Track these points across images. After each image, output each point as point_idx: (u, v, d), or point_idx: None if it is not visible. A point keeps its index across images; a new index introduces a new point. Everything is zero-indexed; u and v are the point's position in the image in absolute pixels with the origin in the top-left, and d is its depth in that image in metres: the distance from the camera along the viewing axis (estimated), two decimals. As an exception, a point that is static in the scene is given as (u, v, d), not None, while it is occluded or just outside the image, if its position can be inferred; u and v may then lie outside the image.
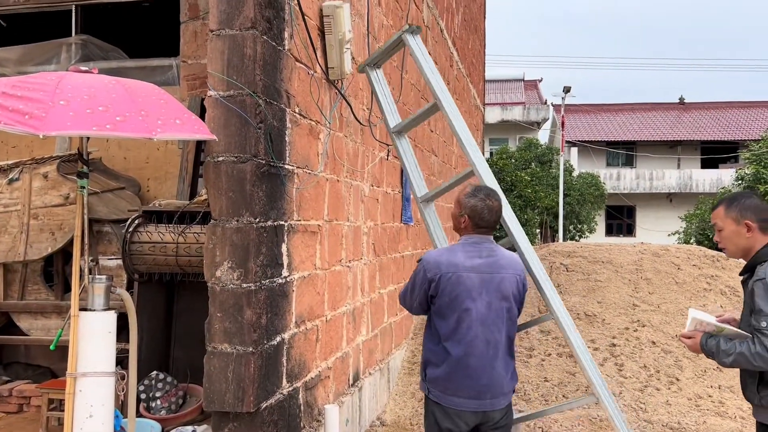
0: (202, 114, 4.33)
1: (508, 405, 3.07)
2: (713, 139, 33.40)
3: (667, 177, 33.15)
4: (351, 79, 4.59)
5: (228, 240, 3.15)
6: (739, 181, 22.40)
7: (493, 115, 32.71)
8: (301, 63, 3.75)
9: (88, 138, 3.15)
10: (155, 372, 4.55)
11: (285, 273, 3.51)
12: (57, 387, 4.38)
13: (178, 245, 4.42)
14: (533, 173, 24.39)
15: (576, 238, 25.79)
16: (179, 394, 4.54)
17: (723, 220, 2.81)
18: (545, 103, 35.45)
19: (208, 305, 3.18)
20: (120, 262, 4.71)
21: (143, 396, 4.41)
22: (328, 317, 4.22)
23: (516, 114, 33.99)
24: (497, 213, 3.05)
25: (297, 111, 3.68)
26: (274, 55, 3.36)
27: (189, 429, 4.09)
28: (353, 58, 4.54)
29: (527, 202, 23.04)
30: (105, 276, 3.17)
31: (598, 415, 5.32)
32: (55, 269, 5.27)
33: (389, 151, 5.71)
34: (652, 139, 33.83)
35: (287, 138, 3.54)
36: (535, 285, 3.50)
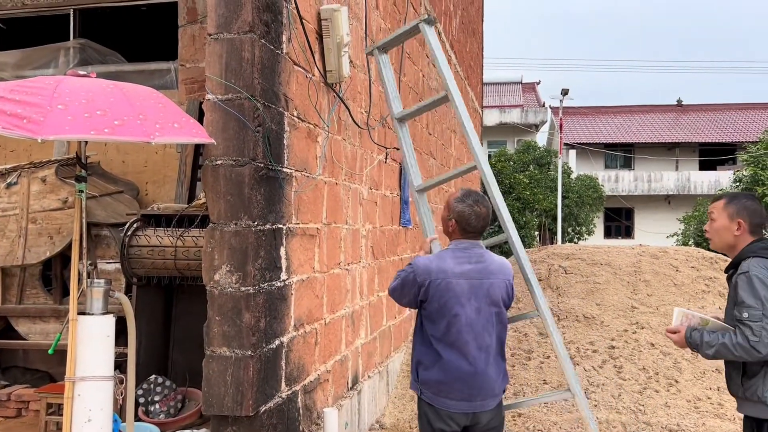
0: (200, 117, 4.34)
1: (498, 406, 3.12)
2: (711, 141, 33.47)
3: (666, 179, 33.20)
4: (349, 83, 4.59)
5: (226, 243, 3.16)
6: (737, 183, 22.47)
7: (492, 118, 32.77)
8: (299, 66, 3.75)
9: (86, 142, 3.15)
10: (154, 376, 4.54)
11: (283, 276, 3.51)
12: (55, 391, 4.37)
13: (176, 249, 4.42)
14: (531, 176, 24.42)
15: (574, 240, 25.82)
16: (178, 398, 4.53)
17: (719, 212, 2.92)
18: (543, 106, 35.51)
19: (206, 309, 3.18)
20: (118, 265, 4.71)
21: (142, 400, 4.41)
22: (326, 320, 4.22)
23: (514, 117, 34.04)
24: (485, 219, 3.09)
25: (295, 114, 3.69)
26: (272, 59, 3.36)
27: (188, 433, 4.09)
28: (351, 61, 4.55)
29: (525, 204, 23.06)
30: (103, 280, 3.17)
31: (597, 417, 5.32)
32: (54, 273, 5.27)
33: (387, 154, 5.71)
34: (650, 141, 33.89)
35: (285, 141, 3.54)
36: (525, 280, 3.56)
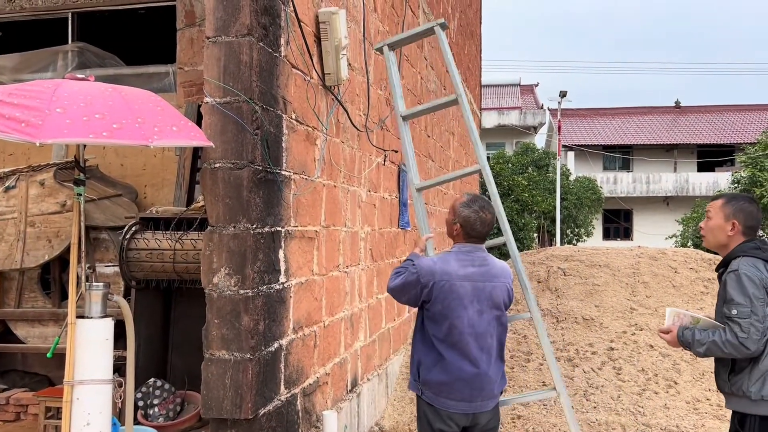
0: (198, 121, 4.34)
1: (496, 406, 3.17)
2: (709, 143, 33.51)
3: (664, 180, 33.24)
4: (347, 85, 4.60)
5: (225, 246, 3.16)
6: (735, 184, 22.49)
7: (490, 120, 32.80)
8: (298, 69, 3.75)
9: (84, 145, 3.15)
10: (153, 379, 4.54)
11: (282, 279, 3.51)
12: (54, 395, 4.37)
13: (175, 252, 4.42)
14: (530, 177, 24.42)
15: (573, 242, 25.84)
16: (177, 401, 4.53)
17: (716, 211, 2.95)
18: (542, 108, 35.52)
19: (205, 312, 3.18)
20: (117, 269, 4.71)
21: (141, 403, 4.40)
22: (325, 323, 4.22)
23: (513, 119, 34.06)
24: (489, 225, 3.14)
25: (293, 117, 3.69)
26: (270, 62, 3.37)
27: (187, 436, 4.08)
28: (349, 64, 4.55)
29: (524, 206, 23.05)
30: (102, 283, 3.16)
31: (596, 419, 5.32)
32: (52, 277, 5.27)
33: (386, 157, 5.72)
34: (648, 143, 33.92)
35: (284, 144, 3.54)
36: (520, 283, 3.62)
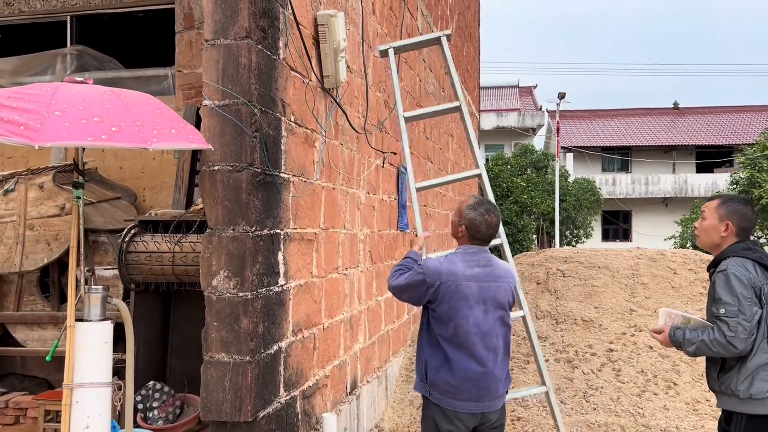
0: (197, 123, 4.35)
1: (503, 406, 3.18)
2: (708, 144, 33.54)
3: (663, 182, 33.26)
4: (346, 88, 4.60)
5: (224, 249, 3.16)
6: (734, 185, 22.49)
7: (489, 122, 32.82)
8: (296, 72, 3.76)
9: (83, 148, 3.15)
10: (152, 382, 4.53)
11: (281, 281, 3.51)
12: (53, 398, 4.36)
13: (174, 255, 4.42)
14: (529, 179, 24.43)
15: (572, 243, 25.84)
16: (176, 404, 4.52)
17: (711, 212, 3.00)
18: (540, 109, 35.55)
19: (204, 314, 3.18)
20: (116, 272, 4.71)
21: (140, 406, 4.40)
22: (325, 325, 4.22)
23: (511, 120, 34.09)
24: (495, 228, 3.16)
25: (292, 119, 3.69)
26: (269, 64, 3.37)
27: (186, 439, 4.08)
28: (348, 66, 4.56)
29: (523, 208, 23.05)
30: (101, 286, 3.17)
31: (596, 421, 5.32)
32: (51, 280, 5.26)
33: (385, 158, 5.72)
34: (647, 144, 33.94)
35: (283, 146, 3.54)
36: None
